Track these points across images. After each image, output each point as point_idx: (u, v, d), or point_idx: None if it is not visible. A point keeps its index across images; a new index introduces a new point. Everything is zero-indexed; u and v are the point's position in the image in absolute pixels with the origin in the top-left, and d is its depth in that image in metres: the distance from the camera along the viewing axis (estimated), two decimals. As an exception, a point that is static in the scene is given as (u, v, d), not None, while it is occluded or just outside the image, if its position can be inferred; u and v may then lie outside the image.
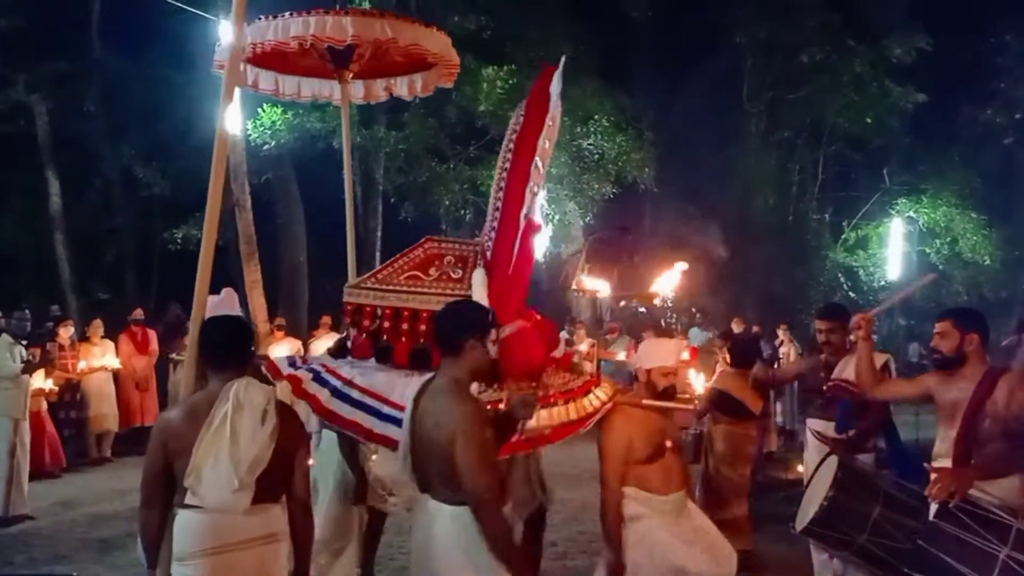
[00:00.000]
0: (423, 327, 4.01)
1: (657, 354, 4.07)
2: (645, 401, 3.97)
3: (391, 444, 3.66)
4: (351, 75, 5.27)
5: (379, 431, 3.76)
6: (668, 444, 3.92)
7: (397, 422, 3.67)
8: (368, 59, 5.15)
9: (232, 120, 12.27)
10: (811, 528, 3.49)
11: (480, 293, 3.93)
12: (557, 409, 3.92)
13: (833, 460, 3.60)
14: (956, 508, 3.19)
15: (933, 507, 3.29)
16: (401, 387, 3.79)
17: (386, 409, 3.80)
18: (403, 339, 4.14)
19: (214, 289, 3.48)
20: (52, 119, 15.66)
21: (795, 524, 3.65)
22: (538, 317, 4.32)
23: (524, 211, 3.99)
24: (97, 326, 10.45)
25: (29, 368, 7.72)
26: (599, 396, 4.10)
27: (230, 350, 3.20)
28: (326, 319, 12.14)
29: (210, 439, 2.96)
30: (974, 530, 3.13)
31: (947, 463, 3.63)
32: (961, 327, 3.73)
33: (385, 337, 4.19)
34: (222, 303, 3.52)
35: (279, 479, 3.06)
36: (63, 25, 15.54)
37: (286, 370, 4.17)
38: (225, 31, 11.89)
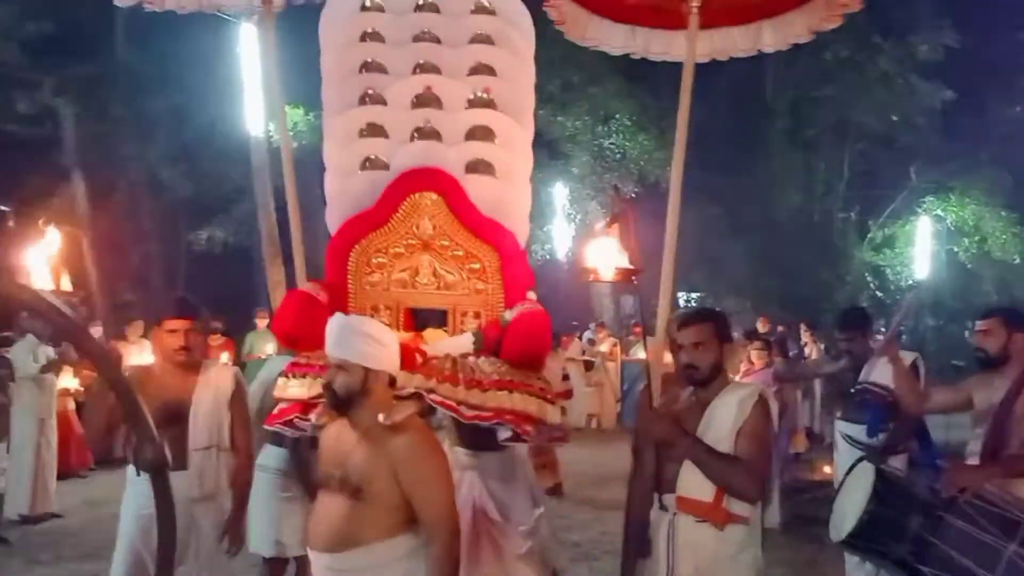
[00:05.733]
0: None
1: None
2: None
3: None
4: (698, 20, 3.81)
5: None
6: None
7: None
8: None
9: (255, 122, 12.35)
10: (850, 541, 3.43)
11: None
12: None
13: (869, 469, 3.50)
14: (966, 503, 3.14)
15: None
16: None
17: None
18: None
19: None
20: (78, 122, 15.83)
21: (830, 533, 3.58)
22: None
23: None
24: (137, 326, 10.39)
25: (48, 368, 7.79)
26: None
27: None
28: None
29: None
30: (982, 525, 3.08)
31: (976, 462, 3.60)
32: (1007, 326, 3.72)
33: None
34: None
35: None
36: (89, 29, 15.69)
37: None
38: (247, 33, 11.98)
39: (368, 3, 3.37)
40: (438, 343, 3.17)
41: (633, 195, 16.06)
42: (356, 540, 2.66)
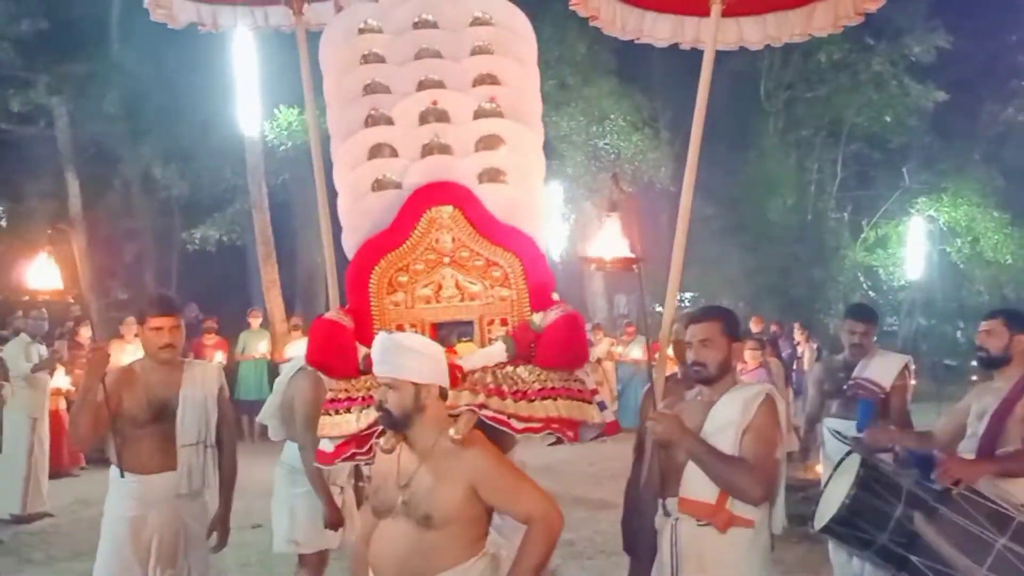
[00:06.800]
0: None
1: None
2: None
3: None
4: (722, 6, 3.78)
5: None
6: None
7: None
8: None
9: (249, 121, 12.35)
10: (831, 527, 3.44)
11: None
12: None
13: (855, 458, 3.55)
14: (959, 496, 3.18)
15: None
16: None
17: None
18: None
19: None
20: (72, 121, 15.77)
21: (814, 523, 3.60)
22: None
23: None
24: (131, 324, 10.33)
25: (40, 367, 7.78)
26: None
27: None
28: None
29: None
30: (973, 518, 3.11)
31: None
32: (1010, 327, 3.74)
33: None
34: None
35: None
36: (83, 28, 15.63)
37: None
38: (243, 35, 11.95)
39: (366, 25, 3.35)
40: (471, 356, 3.13)
41: (627, 194, 16.08)
42: (428, 570, 2.57)
